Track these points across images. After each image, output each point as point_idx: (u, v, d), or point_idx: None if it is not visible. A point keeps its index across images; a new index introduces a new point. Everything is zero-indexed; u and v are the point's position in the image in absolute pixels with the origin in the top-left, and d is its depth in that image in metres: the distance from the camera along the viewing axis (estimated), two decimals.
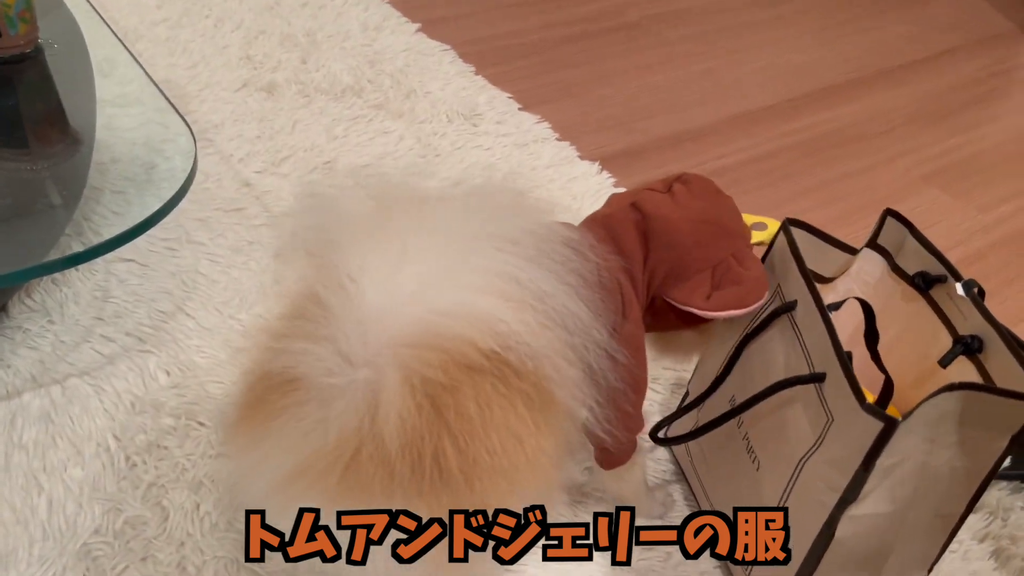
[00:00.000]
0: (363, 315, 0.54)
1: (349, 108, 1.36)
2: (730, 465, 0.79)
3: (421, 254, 0.57)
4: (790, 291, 0.74)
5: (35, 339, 0.93)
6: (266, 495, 0.57)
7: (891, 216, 0.77)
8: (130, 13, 1.51)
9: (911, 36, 1.88)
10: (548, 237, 0.61)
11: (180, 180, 0.92)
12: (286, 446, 0.56)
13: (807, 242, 0.77)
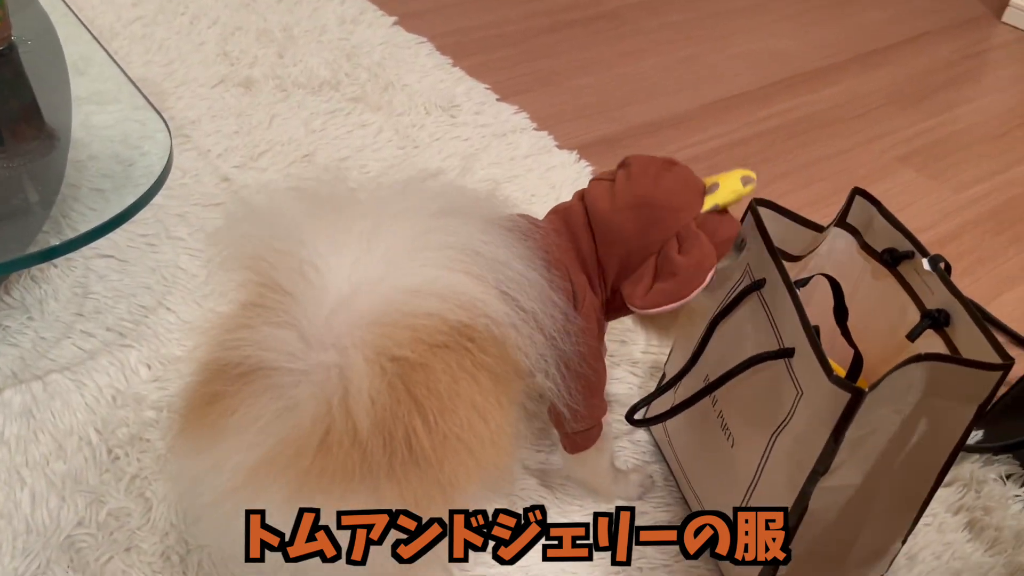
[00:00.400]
0: (326, 298, 0.54)
1: (327, 102, 1.36)
2: (706, 443, 0.80)
3: (380, 237, 0.56)
4: (759, 270, 0.75)
5: (15, 336, 0.93)
6: (224, 495, 0.54)
7: (859, 195, 0.78)
8: (105, 11, 1.51)
9: (887, 21, 1.90)
10: (496, 218, 0.61)
11: (156, 176, 0.92)
12: (248, 441, 0.53)
13: (775, 221, 0.77)
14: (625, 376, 0.98)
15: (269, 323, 0.54)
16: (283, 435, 0.53)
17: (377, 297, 0.55)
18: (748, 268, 0.77)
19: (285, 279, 0.55)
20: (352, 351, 0.53)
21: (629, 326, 0.95)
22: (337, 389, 0.53)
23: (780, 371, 0.70)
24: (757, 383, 0.73)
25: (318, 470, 0.53)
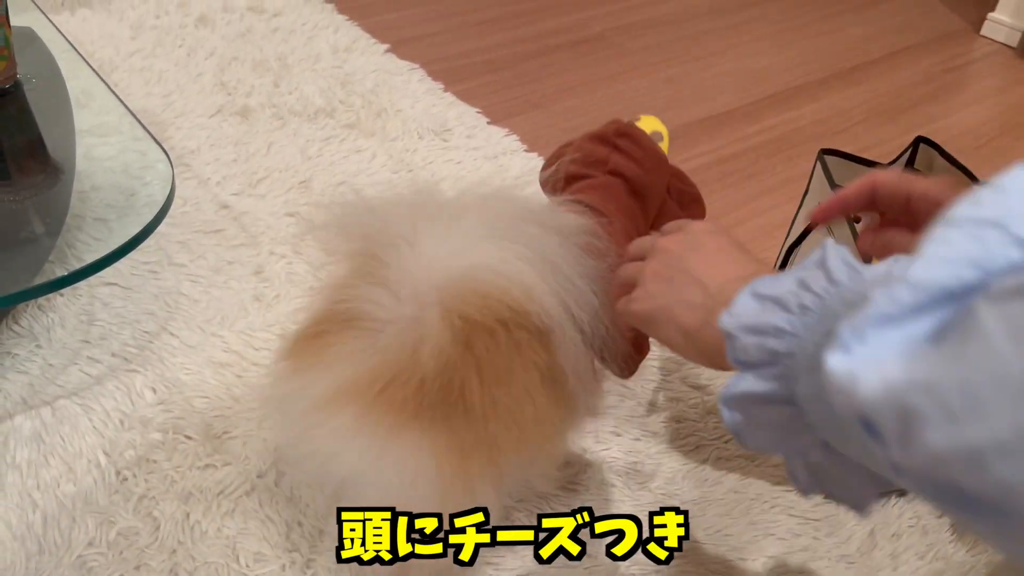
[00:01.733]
0: (415, 264, 0.64)
1: (322, 128, 1.40)
2: None
3: (466, 224, 0.66)
4: None
5: (24, 363, 0.96)
6: (306, 412, 0.63)
7: (923, 142, 0.94)
8: (105, 45, 1.55)
9: (867, 37, 1.94)
10: (572, 235, 0.69)
11: (159, 205, 0.95)
12: (334, 369, 0.63)
13: (840, 166, 0.94)
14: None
15: (368, 283, 0.64)
16: (363, 368, 0.62)
17: (455, 267, 0.64)
18: (819, 204, 0.87)
19: (383, 251, 0.65)
20: (430, 307, 0.62)
21: None
22: (413, 336, 0.61)
23: None
24: None
25: (384, 401, 0.62)
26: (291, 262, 1.14)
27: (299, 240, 1.18)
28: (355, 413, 0.61)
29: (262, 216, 1.21)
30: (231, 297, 1.08)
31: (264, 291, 1.09)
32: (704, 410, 1.00)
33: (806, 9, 2.06)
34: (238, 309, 1.06)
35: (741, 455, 0.96)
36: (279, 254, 1.15)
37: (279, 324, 1.05)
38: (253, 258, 1.14)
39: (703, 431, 0.98)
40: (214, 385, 0.96)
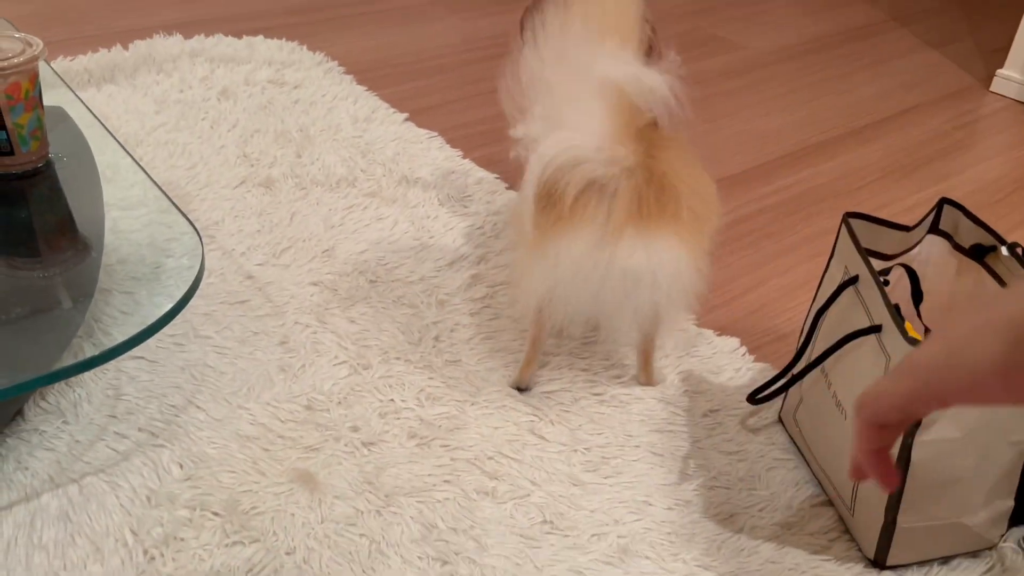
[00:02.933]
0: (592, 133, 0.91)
1: (344, 197, 1.42)
2: (826, 423, 0.93)
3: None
4: (853, 268, 0.92)
5: (51, 440, 0.96)
6: (613, 245, 0.90)
7: (947, 204, 0.95)
8: (131, 119, 1.58)
9: (877, 95, 1.97)
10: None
11: (187, 279, 0.96)
12: (609, 214, 0.90)
13: (866, 228, 0.97)
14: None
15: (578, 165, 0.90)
16: (621, 206, 0.90)
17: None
18: (846, 268, 0.93)
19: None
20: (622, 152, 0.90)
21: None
22: (628, 175, 0.90)
23: (873, 345, 0.85)
24: (857, 359, 0.87)
25: (644, 221, 0.90)
26: (316, 332, 1.14)
27: (323, 309, 1.18)
28: (640, 233, 0.90)
29: (286, 286, 1.22)
30: (257, 368, 1.08)
31: (290, 361, 1.09)
32: (736, 477, 0.99)
33: (815, 69, 2.09)
34: (264, 380, 1.06)
35: (776, 523, 0.94)
36: (303, 323, 1.16)
37: (304, 395, 1.05)
38: (278, 328, 1.15)
39: (736, 499, 0.96)
40: (240, 459, 0.96)
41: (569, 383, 1.10)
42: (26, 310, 0.98)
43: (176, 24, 2.01)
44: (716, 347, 1.17)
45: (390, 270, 1.27)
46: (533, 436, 1.02)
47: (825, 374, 0.93)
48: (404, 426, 1.02)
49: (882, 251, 0.98)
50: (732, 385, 1.11)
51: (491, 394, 1.07)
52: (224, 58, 1.82)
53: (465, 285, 1.25)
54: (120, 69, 1.74)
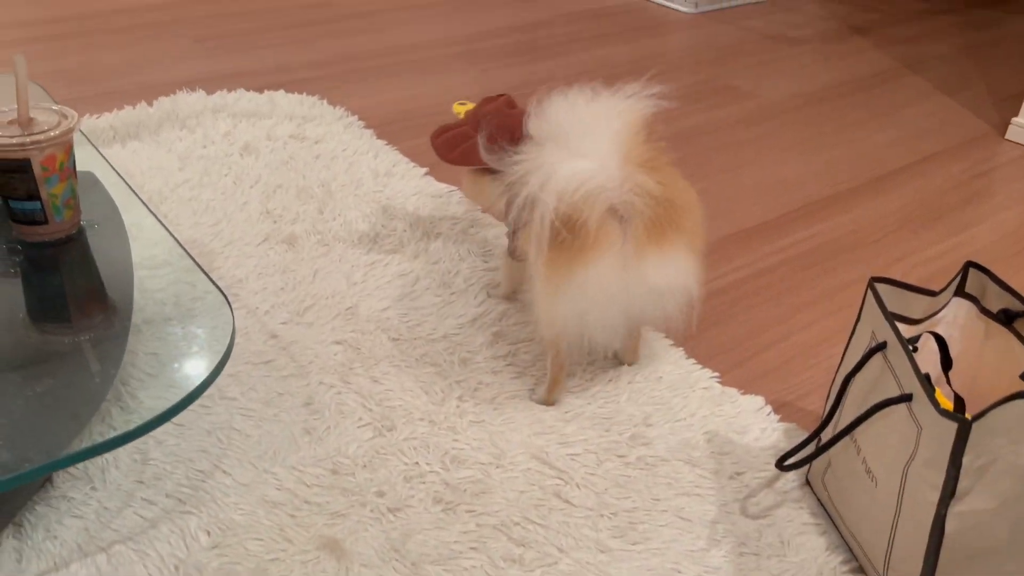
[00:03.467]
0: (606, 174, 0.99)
1: (367, 253, 1.43)
2: (857, 489, 0.92)
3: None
4: (881, 334, 0.91)
5: (79, 507, 0.96)
6: (638, 266, 1.00)
7: (972, 267, 0.95)
8: (154, 176, 1.61)
9: (892, 144, 1.98)
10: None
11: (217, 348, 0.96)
12: (634, 238, 1.00)
13: (892, 293, 0.98)
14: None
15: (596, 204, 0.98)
16: (641, 229, 1.00)
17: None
18: (873, 334, 0.93)
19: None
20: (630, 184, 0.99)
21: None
22: (638, 204, 0.99)
23: (904, 414, 0.85)
24: (887, 426, 0.87)
25: (659, 240, 1.01)
26: (340, 392, 1.15)
27: (347, 369, 1.19)
28: (659, 251, 1.01)
29: (310, 345, 1.23)
30: (282, 431, 1.08)
31: (315, 424, 1.10)
32: (765, 543, 0.98)
33: (829, 118, 2.10)
34: (289, 443, 1.07)
35: None
36: (328, 384, 1.16)
37: (330, 458, 1.05)
38: (303, 389, 1.15)
39: (766, 566, 0.95)
40: (267, 526, 0.96)
41: (594, 445, 1.09)
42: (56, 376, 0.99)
43: (198, 79, 2.05)
44: (740, 406, 1.17)
45: (412, 328, 1.28)
46: (559, 500, 1.01)
47: (854, 440, 0.93)
48: (429, 490, 1.02)
49: (909, 316, 0.98)
50: (758, 446, 1.11)
51: (516, 456, 1.07)
52: (246, 113, 1.85)
53: (487, 343, 1.26)
54: (144, 126, 1.78)
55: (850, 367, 0.94)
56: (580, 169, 0.98)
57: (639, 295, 1.03)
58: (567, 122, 1.03)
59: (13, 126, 0.99)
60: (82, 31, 2.33)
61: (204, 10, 2.55)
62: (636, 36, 2.58)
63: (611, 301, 1.02)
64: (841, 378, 0.96)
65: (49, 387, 0.98)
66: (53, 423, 0.93)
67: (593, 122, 1.02)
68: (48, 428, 0.91)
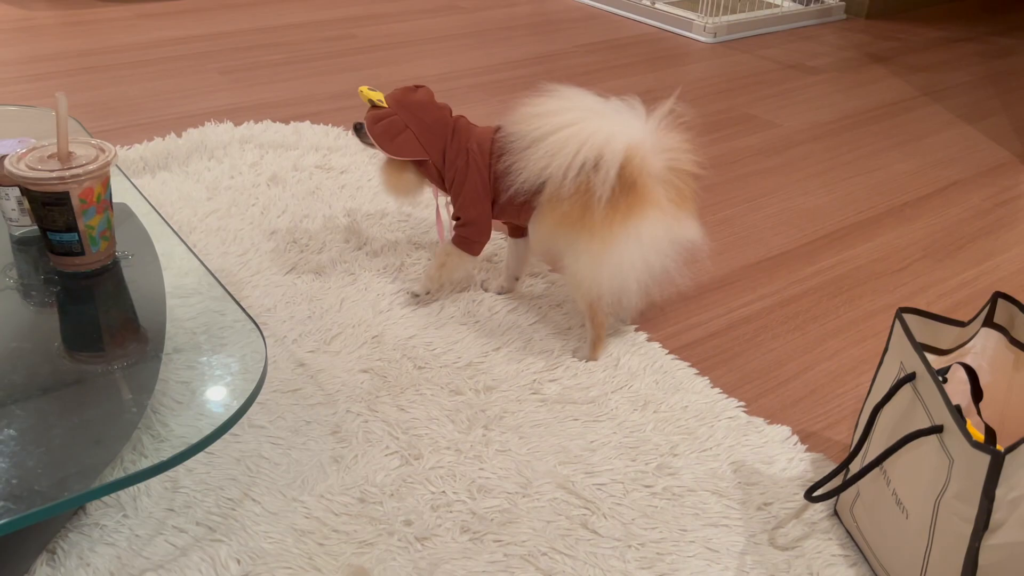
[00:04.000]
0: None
1: (392, 282, 1.45)
2: (887, 521, 0.92)
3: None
4: (910, 365, 0.91)
5: (112, 535, 0.97)
6: (677, 228, 1.20)
7: (1001, 298, 0.95)
8: (183, 206, 1.64)
9: (914, 173, 1.98)
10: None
11: (248, 372, 0.98)
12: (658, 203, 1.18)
13: (921, 324, 0.98)
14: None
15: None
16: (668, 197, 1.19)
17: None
18: (902, 364, 0.92)
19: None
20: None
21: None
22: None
23: (934, 445, 0.85)
24: (918, 458, 0.87)
25: (679, 209, 1.20)
26: (367, 420, 1.16)
27: (374, 397, 1.20)
28: (688, 212, 1.20)
29: (337, 373, 1.24)
30: (310, 459, 1.09)
31: (342, 452, 1.10)
32: (794, 574, 0.97)
33: (849, 147, 2.11)
34: (317, 472, 1.07)
35: None
36: (355, 412, 1.17)
37: (357, 487, 1.05)
38: (330, 417, 1.16)
39: None
40: (296, 555, 0.96)
41: (620, 475, 1.09)
42: (90, 404, 1.01)
43: (226, 111, 2.09)
44: (767, 436, 1.17)
45: (437, 355, 1.29)
46: (586, 531, 1.01)
47: (884, 471, 0.92)
48: (456, 519, 1.02)
49: (937, 346, 0.98)
50: (785, 476, 1.10)
51: (542, 486, 1.07)
52: (272, 144, 1.89)
53: (512, 371, 1.26)
54: (174, 156, 1.81)
55: (879, 398, 0.94)
56: (636, 134, 1.14)
57: (673, 250, 1.20)
58: (594, 103, 1.18)
59: (53, 160, 1.02)
60: (113, 64, 2.38)
61: (230, 43, 2.61)
62: (654, 66, 2.60)
63: (659, 254, 1.18)
64: (870, 409, 0.96)
65: (84, 416, 0.99)
66: (88, 452, 0.94)
67: (622, 105, 1.18)
68: (83, 457, 0.92)
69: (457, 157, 1.29)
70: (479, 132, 1.30)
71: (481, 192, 1.28)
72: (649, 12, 3.07)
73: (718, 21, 2.92)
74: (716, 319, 1.43)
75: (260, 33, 2.71)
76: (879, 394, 0.95)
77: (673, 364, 1.30)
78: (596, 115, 1.17)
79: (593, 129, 1.14)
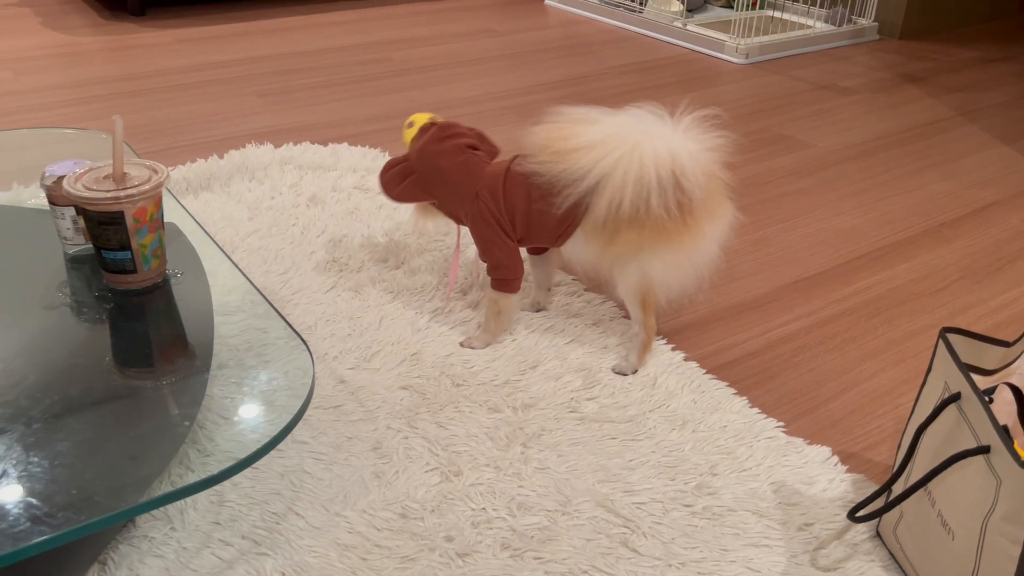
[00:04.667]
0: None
1: (430, 300, 1.46)
2: (932, 542, 0.91)
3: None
4: (954, 385, 0.91)
5: (160, 547, 0.99)
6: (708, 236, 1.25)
7: None
8: (226, 226, 1.67)
9: (951, 193, 1.97)
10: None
11: (295, 389, 1.00)
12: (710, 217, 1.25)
13: (965, 344, 0.97)
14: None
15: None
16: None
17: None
18: (946, 384, 0.92)
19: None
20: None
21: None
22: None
23: (981, 466, 0.85)
24: (964, 478, 0.87)
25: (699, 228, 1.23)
26: (407, 437, 1.17)
27: (413, 414, 1.21)
28: (721, 217, 1.25)
29: (378, 390, 1.26)
30: (352, 475, 1.11)
31: (384, 468, 1.12)
32: None
33: (885, 167, 2.10)
34: (359, 487, 1.09)
35: None
36: (395, 429, 1.18)
37: (399, 502, 1.07)
38: (371, 433, 1.18)
39: None
40: (340, 569, 0.97)
41: (659, 494, 1.09)
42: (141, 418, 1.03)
43: (266, 133, 2.13)
44: (807, 456, 1.16)
45: (475, 373, 1.30)
46: (626, 549, 1.02)
47: (928, 492, 0.92)
48: (497, 536, 1.03)
49: (982, 366, 0.97)
50: (826, 497, 1.10)
51: (581, 504, 1.08)
52: (312, 165, 1.92)
53: (550, 389, 1.27)
54: (216, 177, 1.85)
55: (922, 418, 0.94)
56: (684, 150, 1.18)
57: (716, 252, 1.26)
58: (630, 120, 1.21)
59: (108, 180, 1.05)
60: (155, 88, 2.45)
61: (269, 67, 2.66)
62: (687, 87, 2.62)
63: (713, 257, 1.26)
64: (913, 429, 0.95)
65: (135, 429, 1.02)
66: (138, 465, 0.96)
67: (656, 119, 1.21)
68: (135, 469, 0.95)
69: (467, 202, 1.30)
70: (490, 172, 1.29)
71: (493, 236, 1.29)
72: (681, 34, 3.09)
73: (750, 42, 2.93)
74: (754, 339, 1.43)
75: (298, 57, 2.77)
76: (923, 414, 0.95)
77: (711, 383, 1.30)
78: (640, 135, 1.18)
79: (648, 150, 1.16)
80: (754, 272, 1.63)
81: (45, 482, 0.85)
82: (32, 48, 2.77)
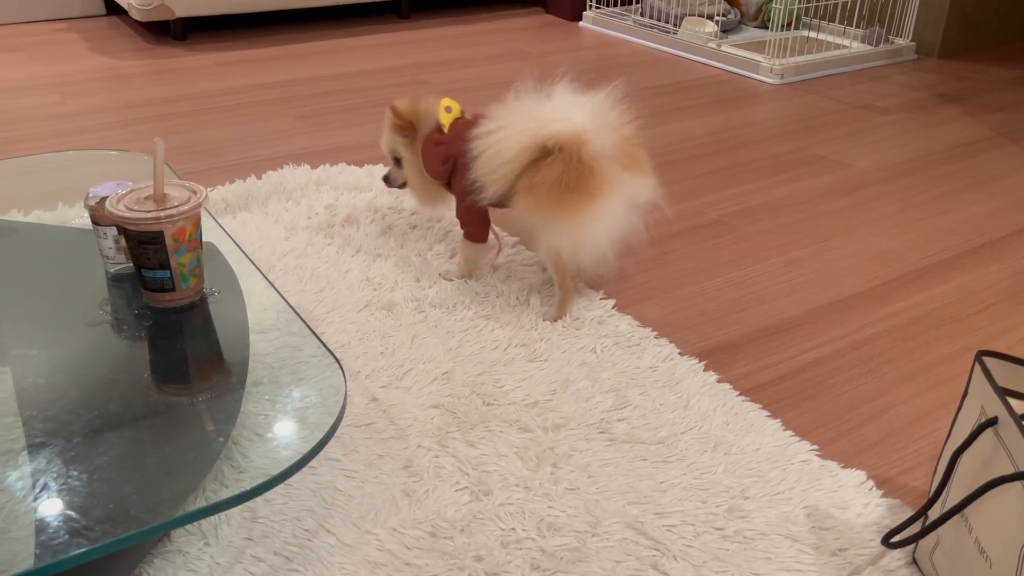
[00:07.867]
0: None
1: (460, 320, 1.47)
2: (970, 570, 0.89)
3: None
4: (991, 409, 0.90)
5: (194, 562, 1.01)
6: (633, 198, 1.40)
7: None
8: (263, 245, 1.70)
9: (990, 214, 1.94)
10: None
11: (327, 406, 1.01)
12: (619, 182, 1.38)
13: (1002, 368, 0.95)
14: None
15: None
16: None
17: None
18: (982, 409, 0.90)
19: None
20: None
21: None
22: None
23: (1019, 492, 0.82)
24: (1002, 504, 0.85)
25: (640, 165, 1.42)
26: (437, 455, 1.18)
27: (444, 432, 1.22)
28: (640, 176, 1.40)
29: (409, 408, 1.26)
30: (383, 492, 1.11)
31: (414, 486, 1.12)
32: None
33: (922, 188, 2.08)
34: (390, 505, 1.09)
35: None
36: (426, 447, 1.19)
37: (429, 521, 1.07)
38: (402, 452, 1.18)
39: None
40: None
41: (690, 516, 1.09)
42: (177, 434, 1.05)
43: (303, 154, 2.17)
44: (841, 480, 1.14)
45: (506, 393, 1.31)
46: (657, 572, 1.01)
47: (965, 518, 0.90)
48: (526, 557, 1.03)
49: (1020, 391, 0.95)
50: (860, 522, 1.08)
51: (611, 525, 1.07)
52: (347, 186, 1.95)
53: (580, 409, 1.27)
54: (253, 198, 1.89)
55: (959, 442, 0.92)
56: (579, 121, 1.33)
57: (632, 212, 1.38)
58: (533, 107, 1.37)
59: (149, 201, 1.08)
60: (195, 110, 2.51)
61: (306, 90, 2.71)
62: (721, 108, 2.61)
63: (622, 221, 1.37)
64: (949, 453, 0.94)
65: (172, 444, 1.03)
66: (174, 480, 0.98)
67: (570, 97, 1.37)
68: (171, 484, 0.96)
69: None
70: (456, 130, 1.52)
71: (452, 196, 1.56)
72: (715, 54, 3.09)
73: (785, 63, 2.92)
74: (788, 360, 1.41)
75: (334, 79, 2.81)
76: (959, 439, 0.93)
77: (744, 406, 1.29)
78: (529, 117, 1.35)
79: (523, 129, 1.33)
80: (788, 293, 1.62)
81: (84, 495, 0.87)
82: (79, 72, 2.86)
